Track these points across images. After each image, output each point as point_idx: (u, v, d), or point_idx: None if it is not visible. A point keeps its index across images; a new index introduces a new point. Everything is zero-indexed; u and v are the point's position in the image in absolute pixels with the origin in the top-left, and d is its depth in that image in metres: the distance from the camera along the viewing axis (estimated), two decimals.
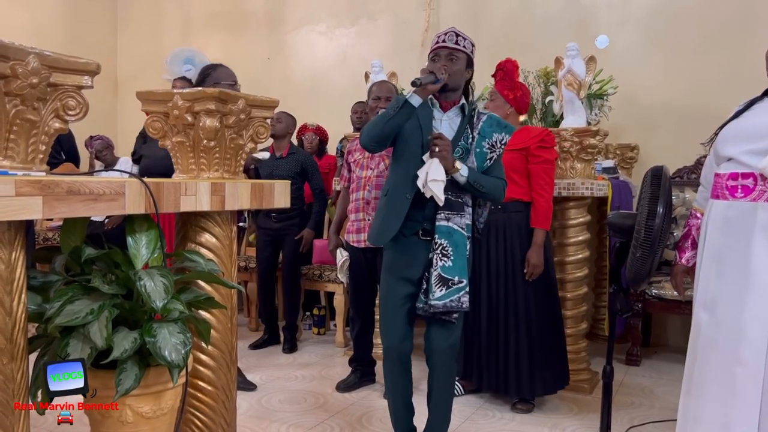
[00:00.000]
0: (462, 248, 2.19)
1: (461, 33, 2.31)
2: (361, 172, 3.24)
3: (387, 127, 2.22)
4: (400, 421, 2.39)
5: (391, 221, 2.25)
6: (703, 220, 2.05)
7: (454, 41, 2.27)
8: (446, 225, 2.18)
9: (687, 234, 2.20)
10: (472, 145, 2.24)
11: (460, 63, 2.25)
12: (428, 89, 2.18)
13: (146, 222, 1.51)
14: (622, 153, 4.36)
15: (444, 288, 2.15)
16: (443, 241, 2.17)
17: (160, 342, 1.36)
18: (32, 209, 1.18)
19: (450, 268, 2.16)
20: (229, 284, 1.66)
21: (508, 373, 2.94)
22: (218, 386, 1.73)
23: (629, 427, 2.80)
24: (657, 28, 4.40)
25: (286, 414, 2.95)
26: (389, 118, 2.20)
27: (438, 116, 2.29)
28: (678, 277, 2.23)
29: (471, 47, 2.31)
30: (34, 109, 1.29)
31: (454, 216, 2.19)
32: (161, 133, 1.74)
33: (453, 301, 2.16)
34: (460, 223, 2.20)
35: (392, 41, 5.24)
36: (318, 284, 4.32)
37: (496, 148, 2.27)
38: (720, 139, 2.02)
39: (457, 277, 2.16)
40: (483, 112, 2.33)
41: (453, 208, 2.20)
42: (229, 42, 6.02)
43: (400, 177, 2.27)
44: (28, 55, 1.25)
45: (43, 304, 1.37)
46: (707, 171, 2.14)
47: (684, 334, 4.27)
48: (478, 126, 2.26)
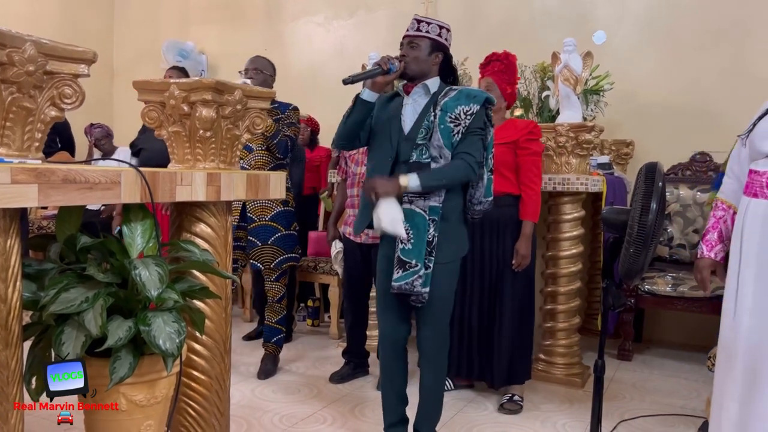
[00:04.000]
0: (423, 231, 2.16)
1: (425, 18, 2.27)
2: (356, 168, 3.24)
3: (347, 125, 2.27)
4: (391, 410, 2.39)
5: (366, 212, 2.29)
6: (738, 217, 1.96)
7: (416, 28, 2.25)
8: (409, 208, 2.17)
9: (714, 226, 2.09)
10: (434, 122, 2.19)
11: (420, 49, 2.23)
12: (378, 82, 2.17)
13: (141, 211, 1.51)
14: (618, 149, 4.37)
15: (401, 270, 2.16)
16: (406, 224, 2.17)
17: (154, 331, 1.37)
18: (28, 197, 1.19)
19: (409, 251, 2.16)
20: (224, 274, 1.67)
21: (492, 363, 2.97)
22: (212, 376, 1.74)
23: (620, 420, 2.83)
24: (654, 24, 4.40)
25: (280, 404, 2.96)
26: (348, 115, 2.25)
27: (405, 102, 2.29)
28: (705, 271, 2.11)
29: (438, 30, 2.25)
30: (30, 96, 1.29)
31: (417, 199, 2.17)
32: (157, 123, 1.74)
33: (407, 284, 2.15)
34: (423, 205, 2.17)
35: (390, 33, 5.21)
36: (312, 276, 4.33)
37: (460, 120, 2.16)
38: (759, 133, 1.91)
39: (414, 260, 2.15)
40: (455, 88, 2.25)
41: None
42: (227, 32, 6.01)
43: (372, 168, 2.31)
44: (25, 43, 1.25)
45: (38, 291, 1.38)
46: (736, 163, 2.04)
47: (676, 329, 4.31)
48: (442, 102, 2.20)
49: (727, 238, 2.08)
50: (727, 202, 2.09)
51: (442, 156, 2.18)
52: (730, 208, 2.07)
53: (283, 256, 3.37)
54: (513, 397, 2.98)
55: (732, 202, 2.07)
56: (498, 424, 2.80)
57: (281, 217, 3.36)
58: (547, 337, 3.40)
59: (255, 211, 3.31)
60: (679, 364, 3.79)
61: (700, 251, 2.13)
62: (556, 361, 3.36)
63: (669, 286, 3.73)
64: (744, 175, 2.00)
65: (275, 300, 3.41)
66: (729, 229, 2.07)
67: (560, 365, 3.35)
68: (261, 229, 3.32)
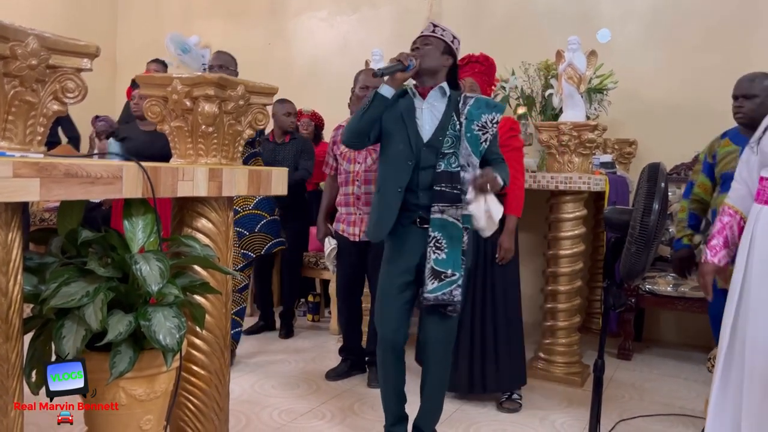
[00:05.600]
0: (457, 240, 2.17)
1: (440, 24, 2.30)
2: (348, 166, 3.21)
3: (363, 122, 2.24)
4: (391, 409, 2.40)
5: (387, 216, 2.25)
6: (750, 225, 1.93)
7: (431, 30, 2.27)
8: (440, 217, 2.17)
9: (720, 231, 2.07)
10: (461, 131, 2.22)
11: (433, 47, 2.24)
12: (398, 78, 2.17)
13: (143, 206, 1.51)
14: (621, 148, 4.37)
15: (436, 281, 2.15)
16: (437, 233, 2.17)
17: (154, 326, 1.37)
18: (29, 191, 1.18)
19: (443, 261, 2.16)
20: (224, 270, 1.67)
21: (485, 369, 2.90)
22: (212, 371, 1.74)
23: (619, 420, 2.83)
24: (659, 23, 4.39)
25: (279, 399, 2.97)
26: (364, 111, 2.23)
27: (419, 105, 2.28)
28: (708, 276, 2.10)
29: (451, 37, 2.28)
30: (32, 90, 1.28)
31: (449, 208, 2.17)
32: (160, 118, 1.74)
33: (445, 294, 2.15)
34: (455, 214, 2.18)
35: (394, 30, 5.21)
36: (314, 271, 4.33)
37: (488, 128, 2.24)
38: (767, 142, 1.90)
39: (450, 269, 2.15)
40: (470, 95, 2.30)
41: (447, 199, 2.18)
42: (230, 27, 6.00)
43: (389, 171, 2.28)
44: (28, 37, 1.24)
45: (39, 285, 1.38)
46: (745, 169, 2.03)
47: (677, 329, 4.31)
48: (465, 110, 2.24)
49: (732, 244, 2.06)
50: (734, 208, 2.06)
51: (470, 164, 2.21)
52: (737, 214, 2.04)
53: (272, 242, 3.50)
54: (512, 396, 2.97)
55: (739, 208, 2.04)
56: (496, 422, 2.80)
57: (264, 204, 3.48)
58: (547, 336, 3.40)
59: (238, 203, 3.35)
60: (679, 364, 3.79)
61: (705, 256, 2.10)
62: (555, 359, 3.36)
63: (670, 286, 3.73)
64: (753, 181, 1.98)
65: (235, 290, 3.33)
66: (735, 235, 2.04)
67: (560, 364, 3.36)
68: (246, 219, 3.41)
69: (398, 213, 2.24)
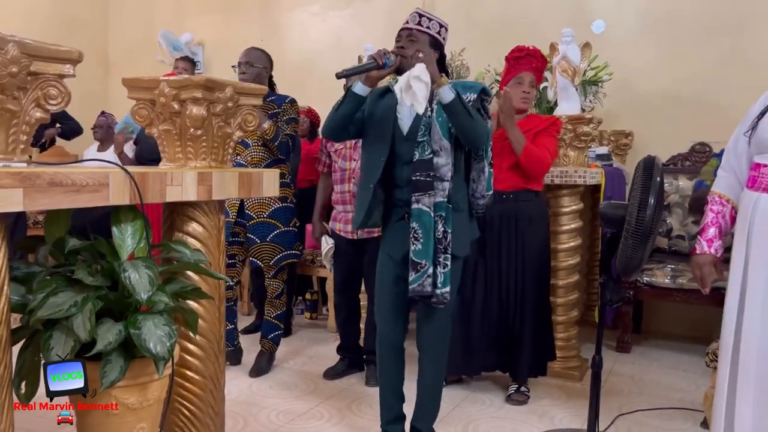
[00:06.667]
0: (430, 230, 2.12)
1: (426, 14, 2.24)
2: (344, 163, 3.19)
3: (336, 117, 2.22)
4: (388, 407, 2.39)
5: (359, 211, 2.29)
6: (744, 212, 1.90)
7: (417, 22, 2.21)
8: (417, 207, 2.14)
9: (713, 222, 2.03)
10: (432, 116, 2.16)
11: (419, 44, 2.17)
12: (372, 76, 2.12)
13: (132, 212, 1.49)
14: (617, 140, 4.35)
15: (414, 272, 2.13)
16: (415, 224, 2.14)
17: (144, 334, 1.35)
18: (12, 201, 1.16)
19: (419, 251, 2.13)
20: (215, 275, 1.65)
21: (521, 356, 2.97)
22: (206, 375, 1.73)
23: (618, 414, 2.82)
24: (653, 14, 4.36)
25: (276, 400, 2.96)
26: (337, 107, 2.21)
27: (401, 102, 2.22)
28: (706, 267, 2.04)
29: (438, 28, 2.23)
30: (14, 98, 1.26)
31: (423, 197, 2.13)
32: (148, 121, 1.72)
33: (419, 285, 2.12)
34: (428, 203, 2.13)
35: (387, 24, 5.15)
36: (310, 269, 4.32)
37: None
38: (766, 126, 1.85)
39: (423, 260, 2.12)
40: (451, 81, 2.20)
41: (421, 188, 2.13)
42: (222, 23, 5.96)
43: (365, 167, 2.29)
44: (8, 44, 1.22)
45: (27, 295, 1.36)
46: (733, 157, 2.00)
47: (675, 321, 4.30)
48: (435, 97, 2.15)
49: (726, 234, 2.04)
50: (726, 197, 2.03)
51: (442, 148, 2.15)
52: (728, 203, 2.02)
53: (282, 254, 3.32)
54: (520, 388, 2.98)
55: (730, 197, 2.01)
56: (495, 418, 2.79)
57: (280, 214, 3.32)
58: None
59: (253, 208, 3.27)
60: (678, 356, 3.79)
61: (699, 247, 2.06)
62: None
63: (668, 277, 3.72)
64: (741, 169, 1.96)
65: (274, 296, 3.38)
66: (728, 225, 2.02)
67: (558, 358, 3.33)
68: (259, 227, 3.28)
69: (387, 209, 2.27)
